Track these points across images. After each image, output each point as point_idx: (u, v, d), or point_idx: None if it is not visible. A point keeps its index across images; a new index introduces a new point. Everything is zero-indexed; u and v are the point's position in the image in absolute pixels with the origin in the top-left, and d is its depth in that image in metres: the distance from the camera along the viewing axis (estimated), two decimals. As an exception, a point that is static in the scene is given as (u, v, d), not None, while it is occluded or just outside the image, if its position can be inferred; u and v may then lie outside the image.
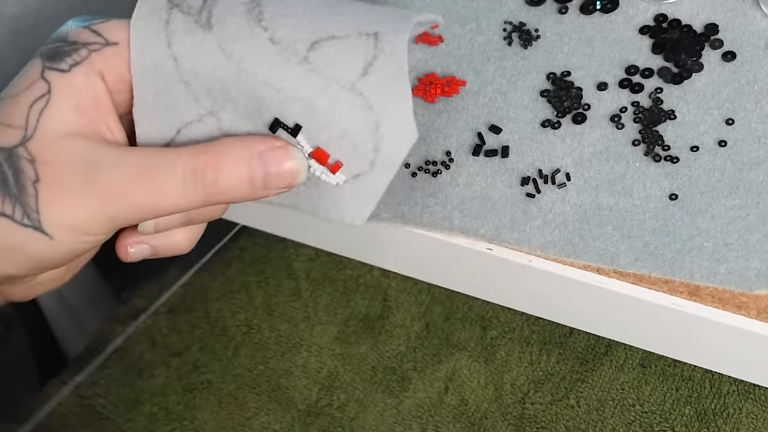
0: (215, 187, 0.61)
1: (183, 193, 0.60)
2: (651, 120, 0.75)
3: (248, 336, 0.85)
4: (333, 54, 0.60)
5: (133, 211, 0.61)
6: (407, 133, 0.60)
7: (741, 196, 0.72)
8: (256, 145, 0.61)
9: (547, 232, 0.72)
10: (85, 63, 0.63)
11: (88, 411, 0.83)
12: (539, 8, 0.81)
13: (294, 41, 0.61)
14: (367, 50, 0.60)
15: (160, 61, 0.63)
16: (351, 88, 0.59)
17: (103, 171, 0.61)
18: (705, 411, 0.76)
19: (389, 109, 0.59)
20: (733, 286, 0.69)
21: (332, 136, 0.60)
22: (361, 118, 0.59)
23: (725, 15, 0.79)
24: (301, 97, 0.60)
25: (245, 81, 0.61)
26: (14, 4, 0.89)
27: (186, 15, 0.63)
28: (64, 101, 0.63)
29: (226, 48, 0.61)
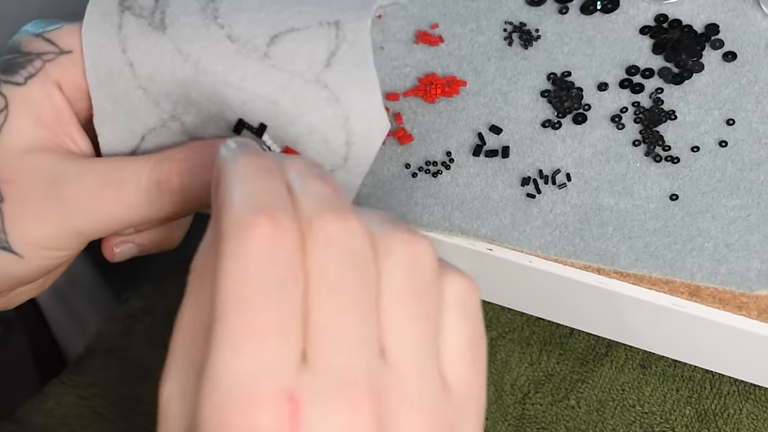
0: (181, 195, 0.59)
1: (149, 204, 0.59)
2: (651, 120, 0.75)
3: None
4: (294, 47, 0.58)
5: (99, 225, 0.60)
6: (378, 123, 0.57)
7: (742, 197, 0.72)
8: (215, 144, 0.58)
9: (547, 233, 0.72)
10: (40, 74, 0.62)
11: (88, 411, 0.83)
12: (540, 8, 0.81)
13: (252, 37, 0.58)
14: (329, 40, 0.58)
15: (116, 67, 0.61)
16: (315, 81, 0.57)
17: (66, 185, 0.59)
18: (705, 411, 0.76)
19: (357, 100, 0.57)
20: (734, 287, 0.69)
21: (300, 133, 0.58)
22: (328, 111, 0.57)
23: (726, 15, 0.79)
24: (263, 94, 0.58)
25: (205, 82, 0.59)
26: (15, 6, 0.89)
27: (138, 17, 0.60)
28: (22, 116, 0.61)
29: (183, 49, 0.59)
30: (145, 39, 0.60)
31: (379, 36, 0.81)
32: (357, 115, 0.57)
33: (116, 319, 0.88)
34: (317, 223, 0.46)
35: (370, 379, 0.45)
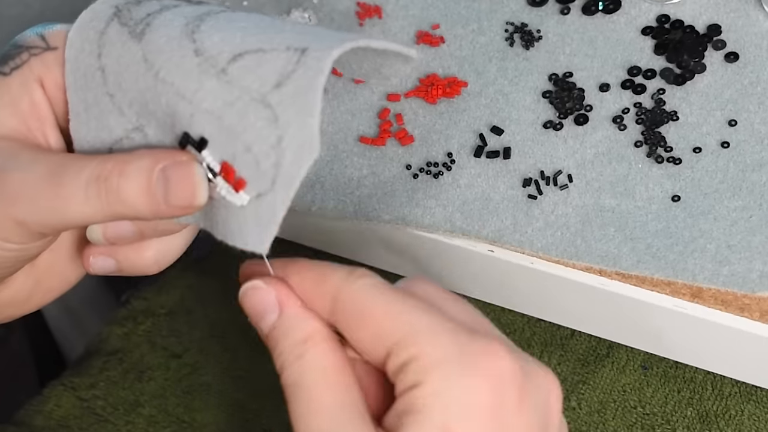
0: (117, 195, 0.57)
1: (86, 200, 0.57)
2: (653, 121, 0.75)
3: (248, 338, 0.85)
4: (252, 66, 0.56)
5: (39, 216, 0.58)
6: (308, 149, 0.54)
7: (744, 198, 0.72)
8: (162, 158, 0.57)
9: (549, 234, 0.72)
10: (24, 67, 0.61)
11: (88, 413, 0.83)
12: (541, 9, 0.81)
13: (218, 53, 0.57)
14: (287, 62, 0.55)
15: (89, 72, 0.60)
16: (261, 100, 0.55)
17: (15, 173, 0.58)
18: (707, 413, 0.76)
19: (294, 123, 0.54)
20: (736, 288, 0.69)
21: (237, 150, 0.56)
22: (265, 131, 0.55)
23: (728, 16, 0.79)
24: (210, 109, 0.56)
25: (161, 92, 0.58)
26: (15, 6, 0.89)
27: (123, 26, 0.59)
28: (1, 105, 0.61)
29: (149, 58, 0.58)
30: (120, 46, 0.59)
31: (379, 36, 0.81)
32: (290, 138, 0.55)
33: (116, 320, 0.88)
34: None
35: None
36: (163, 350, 0.86)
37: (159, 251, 0.64)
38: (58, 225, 0.59)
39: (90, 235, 0.63)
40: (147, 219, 0.59)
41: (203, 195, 0.57)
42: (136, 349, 0.86)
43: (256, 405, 0.83)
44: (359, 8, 0.83)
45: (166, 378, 0.84)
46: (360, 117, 0.78)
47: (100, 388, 0.84)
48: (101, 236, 0.63)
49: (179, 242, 0.65)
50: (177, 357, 0.85)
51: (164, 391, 0.84)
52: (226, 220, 0.58)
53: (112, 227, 0.62)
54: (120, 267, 0.64)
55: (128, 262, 0.64)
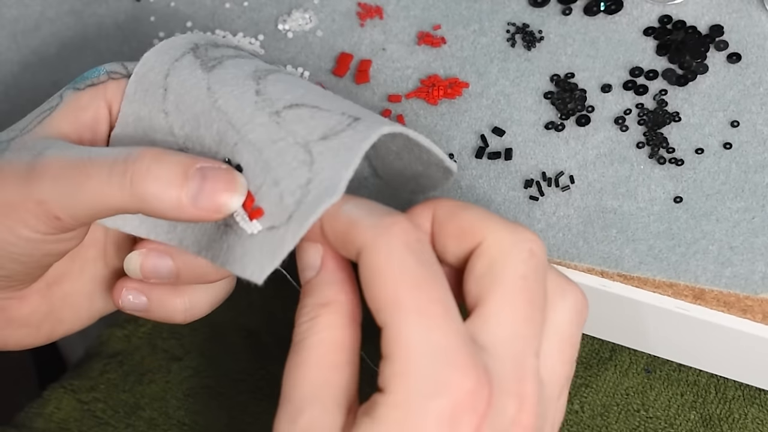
0: (144, 179, 0.57)
1: (109, 179, 0.57)
2: (655, 122, 0.74)
3: (249, 340, 0.85)
4: (305, 116, 0.59)
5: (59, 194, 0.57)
6: (330, 194, 0.56)
7: (746, 199, 0.71)
8: (202, 160, 0.58)
9: (550, 235, 0.72)
10: (99, 86, 0.63)
11: (88, 416, 0.83)
12: (543, 9, 0.81)
13: (277, 98, 0.60)
14: (339, 123, 0.58)
15: (152, 88, 0.62)
16: (303, 145, 0.57)
17: (46, 157, 0.58)
18: (710, 416, 0.76)
19: (327, 170, 0.56)
20: (739, 290, 0.69)
21: (265, 182, 0.58)
22: (297, 171, 0.57)
23: (730, 16, 0.78)
24: (254, 141, 0.58)
25: (214, 118, 0.60)
26: (14, 6, 0.88)
27: (196, 58, 0.62)
28: (65, 114, 0.62)
29: (212, 88, 0.61)
30: (188, 72, 0.62)
31: (381, 37, 0.81)
32: (319, 182, 0.56)
33: (117, 322, 0.88)
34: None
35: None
36: (163, 353, 0.86)
37: (191, 301, 0.65)
38: (75, 206, 0.58)
39: (127, 265, 0.63)
40: (165, 214, 0.58)
41: (237, 202, 0.58)
42: (137, 352, 0.86)
43: (258, 408, 0.83)
44: (360, 9, 0.83)
45: (167, 381, 0.84)
46: (361, 118, 0.78)
47: (100, 391, 0.84)
48: (138, 267, 0.63)
49: (210, 297, 0.66)
50: (178, 360, 0.85)
51: (165, 394, 0.84)
52: (231, 247, 0.59)
53: (151, 260, 0.63)
54: (150, 307, 0.65)
55: (159, 303, 0.65)
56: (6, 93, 0.86)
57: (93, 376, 0.85)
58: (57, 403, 0.84)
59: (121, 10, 0.87)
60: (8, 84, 0.86)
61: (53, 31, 0.87)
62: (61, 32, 0.87)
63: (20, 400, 0.85)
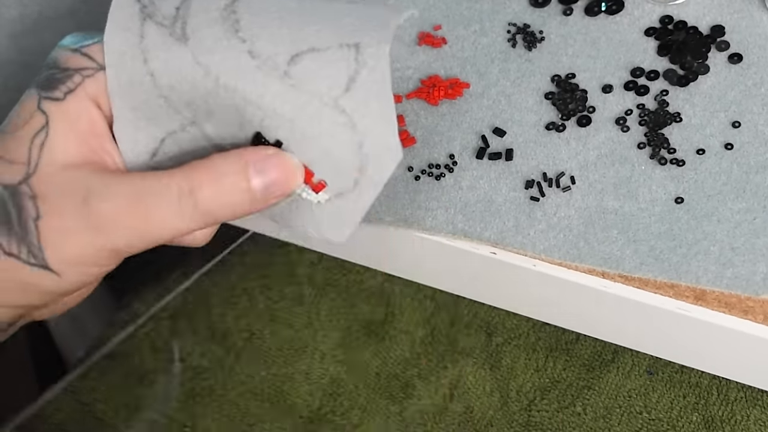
0: (214, 203, 0.59)
1: (181, 216, 0.59)
2: (656, 123, 0.74)
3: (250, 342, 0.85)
4: (314, 68, 0.58)
5: (133, 241, 0.59)
6: (392, 152, 0.57)
7: (747, 200, 0.71)
8: (249, 156, 0.59)
9: (551, 236, 0.72)
10: (79, 89, 0.62)
11: (88, 417, 0.83)
12: (543, 10, 0.80)
13: (274, 54, 0.59)
14: (348, 64, 0.58)
15: (137, 77, 0.61)
16: (334, 105, 0.57)
17: (97, 202, 0.59)
18: (712, 418, 0.76)
19: (373, 129, 0.57)
20: (740, 291, 0.69)
21: (315, 153, 0.59)
22: (344, 136, 0.57)
23: (731, 17, 0.78)
24: (281, 113, 0.58)
25: (225, 97, 0.59)
26: (13, 7, 0.88)
27: (160, 26, 0.61)
28: (62, 132, 0.62)
29: (202, 61, 0.59)
30: (165, 50, 0.60)
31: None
32: (371, 144, 0.57)
33: (117, 323, 0.88)
34: None
35: None
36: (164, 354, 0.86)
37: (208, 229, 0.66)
38: (150, 244, 0.60)
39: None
40: (242, 216, 0.60)
41: (300, 178, 0.60)
42: (137, 353, 0.86)
43: (258, 410, 0.83)
44: (361, 10, 0.82)
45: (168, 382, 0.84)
46: (361, 119, 0.78)
47: (100, 392, 0.84)
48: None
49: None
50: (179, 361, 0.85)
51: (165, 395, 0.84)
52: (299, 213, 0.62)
53: None
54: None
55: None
56: (5, 92, 0.86)
57: (94, 378, 0.85)
58: (57, 404, 0.84)
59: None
60: (7, 84, 0.86)
61: (52, 31, 0.87)
62: (61, 32, 0.87)
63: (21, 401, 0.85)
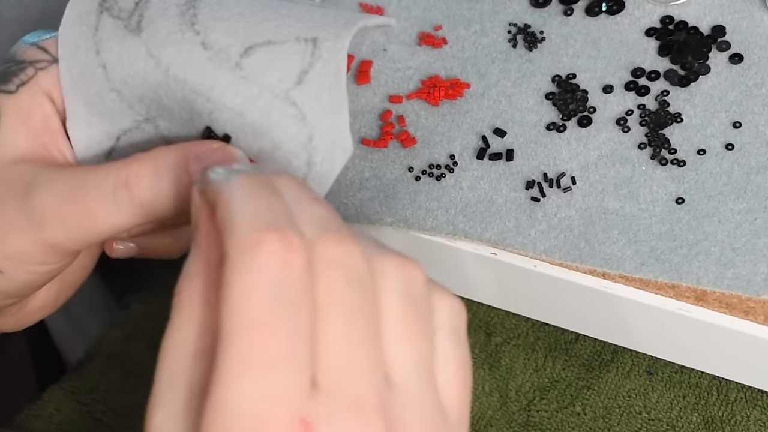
0: (151, 196, 0.56)
1: (118, 209, 0.56)
2: (657, 123, 0.74)
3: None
4: (267, 60, 0.56)
5: (71, 235, 0.57)
6: (342, 147, 0.55)
7: (748, 200, 0.71)
8: (191, 149, 0.56)
9: (552, 237, 0.72)
10: (31, 82, 0.60)
11: (88, 418, 0.83)
12: (544, 10, 0.80)
13: (227, 46, 0.57)
14: (303, 57, 0.56)
15: (89, 69, 0.59)
16: (284, 97, 0.55)
17: (36, 194, 0.57)
18: (712, 418, 0.76)
19: (324, 122, 0.55)
20: (741, 291, 0.68)
21: (264, 148, 0.56)
22: (293, 129, 0.55)
23: (732, 17, 0.78)
24: (230, 106, 0.56)
25: (175, 89, 0.57)
26: (14, 7, 0.88)
27: (116, 19, 0.59)
28: (12, 125, 0.60)
29: (155, 53, 0.57)
30: (119, 41, 0.58)
31: (381, 38, 0.81)
32: (321, 136, 0.55)
33: (117, 324, 0.88)
34: (320, 245, 0.45)
35: (379, 402, 0.44)
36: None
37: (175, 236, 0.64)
38: (89, 239, 0.58)
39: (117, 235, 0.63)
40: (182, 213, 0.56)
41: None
42: (137, 354, 0.86)
43: (258, 410, 0.83)
44: (361, 9, 0.82)
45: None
46: (362, 119, 0.78)
47: (100, 393, 0.84)
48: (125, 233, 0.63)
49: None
50: (178, 361, 0.85)
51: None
52: None
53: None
54: (142, 251, 0.64)
55: (150, 246, 0.64)
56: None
57: (93, 378, 0.85)
58: (57, 405, 0.84)
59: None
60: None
61: (53, 32, 0.87)
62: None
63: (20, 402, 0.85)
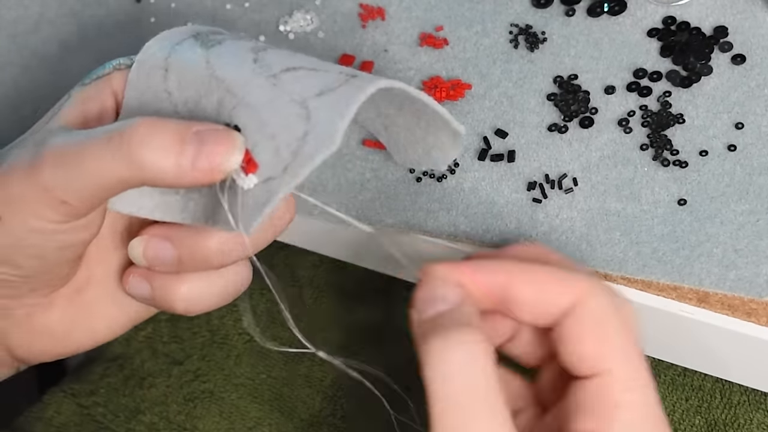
0: (141, 147, 0.56)
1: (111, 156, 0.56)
2: (659, 124, 0.74)
3: (250, 344, 0.84)
4: (302, 76, 0.59)
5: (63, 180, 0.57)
6: (327, 142, 0.55)
7: (751, 202, 0.71)
8: (196, 124, 0.58)
9: (553, 238, 0.71)
10: (104, 78, 0.63)
11: (88, 420, 0.83)
12: (546, 11, 0.80)
13: (274, 64, 0.60)
14: (336, 80, 0.58)
15: (153, 70, 0.63)
16: (300, 102, 0.57)
17: (49, 145, 0.59)
18: (715, 421, 0.75)
19: (323, 122, 0.56)
20: (743, 293, 0.68)
21: (261, 138, 0.58)
22: (294, 124, 0.57)
23: (735, 17, 0.78)
24: (252, 103, 0.58)
25: (213, 87, 0.60)
26: (13, 8, 0.88)
27: (197, 41, 0.63)
28: (72, 108, 0.62)
29: (211, 61, 0.61)
30: (188, 50, 0.62)
31: (383, 38, 0.81)
32: (315, 133, 0.56)
33: (117, 326, 0.88)
34: None
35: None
36: (164, 357, 0.85)
37: (191, 290, 0.65)
38: (79, 185, 0.58)
39: (131, 252, 0.64)
40: (166, 181, 0.58)
41: (236, 160, 0.58)
42: (137, 356, 0.86)
43: (259, 413, 0.83)
44: (362, 10, 0.82)
45: (168, 385, 0.84)
46: (363, 120, 0.78)
47: (100, 395, 0.84)
48: (140, 254, 0.63)
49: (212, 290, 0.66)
50: (178, 364, 0.85)
51: (165, 398, 0.83)
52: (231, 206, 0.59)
53: (152, 245, 0.63)
54: (153, 295, 0.65)
55: (162, 291, 0.65)
56: (5, 95, 0.86)
57: (93, 380, 0.84)
58: (57, 407, 0.84)
59: (121, 11, 0.87)
60: (8, 85, 0.86)
61: (53, 33, 0.87)
62: (61, 34, 0.87)
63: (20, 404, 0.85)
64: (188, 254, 0.62)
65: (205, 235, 0.62)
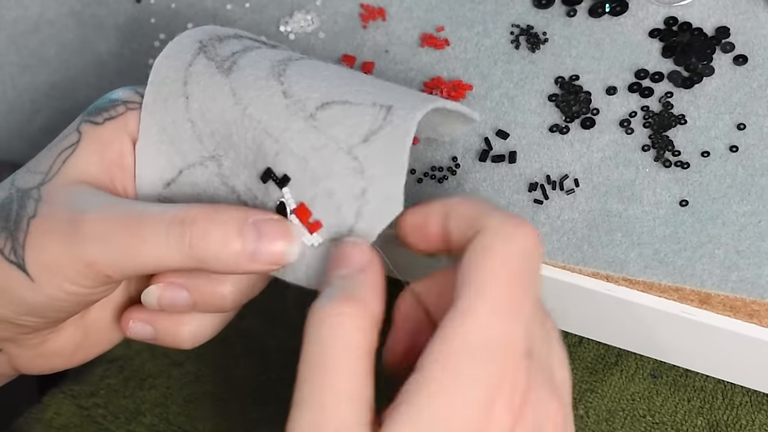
0: (201, 241, 0.57)
1: (166, 242, 0.57)
2: (661, 125, 0.74)
3: (250, 345, 0.84)
4: (340, 116, 0.59)
5: (111, 256, 0.58)
6: (392, 203, 0.57)
7: (753, 203, 0.71)
8: (253, 213, 0.58)
9: (555, 239, 0.71)
10: (119, 119, 0.63)
11: (88, 422, 0.83)
12: (547, 11, 0.80)
13: (306, 98, 0.59)
14: (375, 119, 0.58)
15: (172, 97, 0.62)
16: (348, 151, 0.58)
17: (89, 211, 0.59)
18: (717, 422, 0.75)
19: (379, 178, 0.57)
20: (745, 294, 0.68)
21: (318, 194, 0.58)
22: (350, 180, 0.57)
23: (736, 18, 0.78)
24: (296, 151, 0.58)
25: (248, 127, 0.60)
26: (13, 8, 0.88)
27: (210, 60, 0.62)
28: (89, 152, 0.62)
29: (238, 93, 0.61)
30: (207, 77, 0.62)
31: (384, 39, 0.81)
32: (374, 192, 0.57)
33: (117, 327, 0.88)
34: None
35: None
36: (164, 358, 0.85)
37: (197, 327, 0.65)
38: (128, 267, 0.59)
39: (145, 298, 0.64)
40: (224, 271, 0.59)
41: (295, 252, 0.59)
42: (137, 357, 0.85)
43: (259, 414, 0.83)
44: (363, 10, 0.82)
45: (168, 386, 0.84)
46: (363, 121, 0.78)
47: (100, 396, 0.84)
48: (156, 300, 0.63)
49: (216, 322, 0.66)
50: (178, 365, 0.85)
51: (165, 400, 0.83)
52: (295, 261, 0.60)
53: (169, 293, 0.63)
54: (156, 336, 0.66)
55: (166, 332, 0.65)
56: (5, 94, 0.86)
57: (93, 382, 0.84)
58: (57, 409, 0.84)
59: (121, 11, 0.86)
60: (7, 86, 0.86)
61: (52, 33, 0.87)
62: (61, 34, 0.87)
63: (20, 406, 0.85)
64: (203, 300, 0.63)
65: (221, 282, 0.62)
